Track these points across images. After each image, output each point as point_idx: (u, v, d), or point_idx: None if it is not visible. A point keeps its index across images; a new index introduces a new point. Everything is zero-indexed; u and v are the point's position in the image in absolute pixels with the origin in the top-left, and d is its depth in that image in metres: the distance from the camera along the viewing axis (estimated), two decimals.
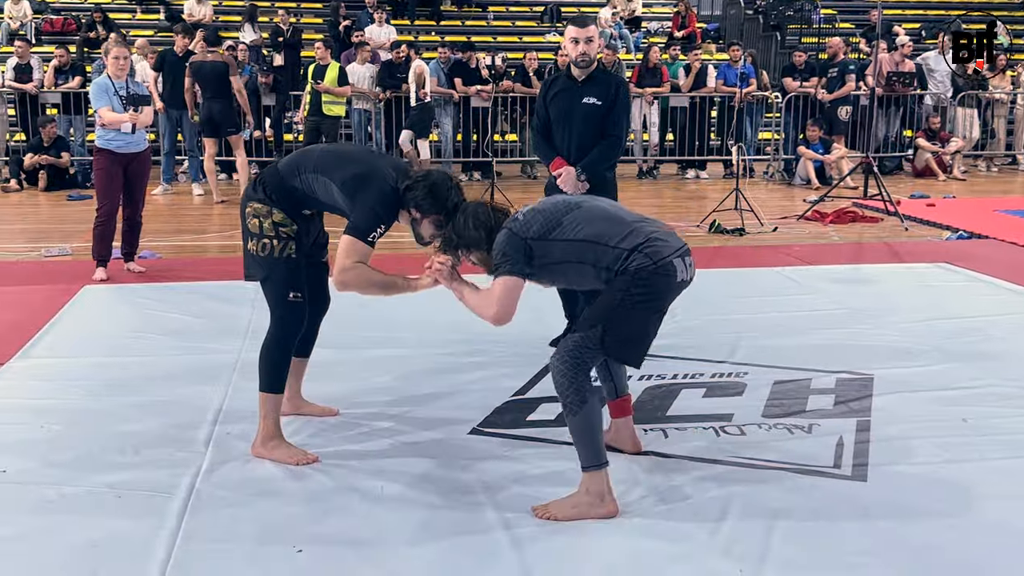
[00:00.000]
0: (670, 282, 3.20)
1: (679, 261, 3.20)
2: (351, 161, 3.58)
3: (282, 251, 3.56)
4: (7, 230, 8.85)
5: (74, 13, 16.54)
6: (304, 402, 4.07)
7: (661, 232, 3.29)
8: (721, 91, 13.10)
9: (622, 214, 3.35)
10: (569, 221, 3.25)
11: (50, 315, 5.54)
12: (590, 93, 4.74)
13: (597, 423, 3.19)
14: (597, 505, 3.17)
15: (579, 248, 3.21)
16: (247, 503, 3.26)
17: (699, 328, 5.42)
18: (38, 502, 3.25)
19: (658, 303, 3.23)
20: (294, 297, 3.59)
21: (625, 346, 3.24)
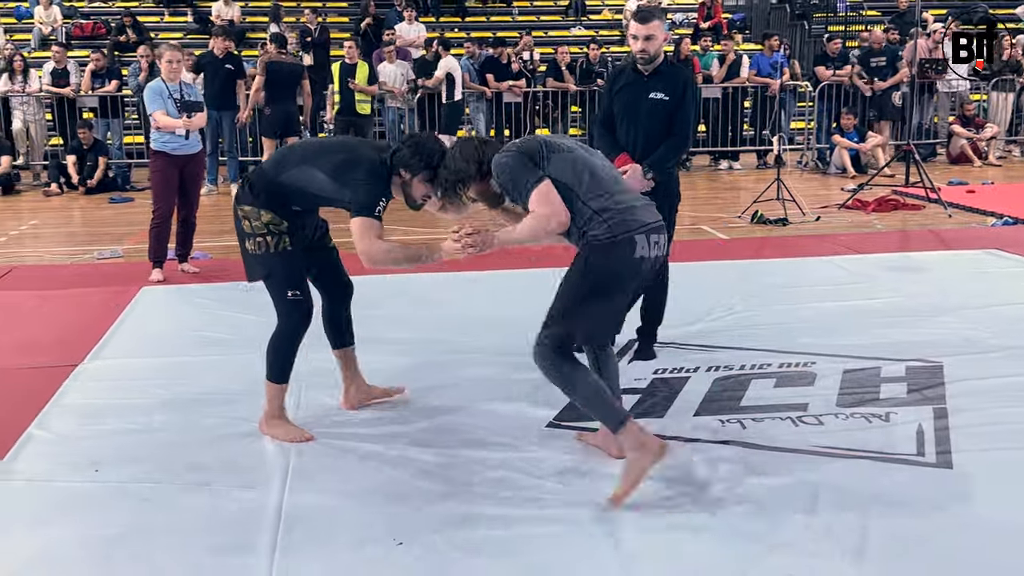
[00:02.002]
0: (628, 256, 3.20)
1: (642, 237, 3.20)
2: (334, 150, 3.74)
3: (277, 245, 3.69)
4: (55, 233, 8.95)
5: (103, 17, 16.65)
6: (368, 388, 4.17)
7: (631, 202, 3.28)
8: (754, 81, 13.07)
9: (603, 174, 3.34)
10: (557, 159, 3.29)
11: (112, 316, 5.61)
12: (657, 88, 4.60)
13: (597, 391, 3.25)
14: (643, 456, 3.18)
15: (559, 188, 3.25)
16: (340, 494, 3.30)
17: (758, 318, 5.44)
18: (134, 501, 3.30)
19: (620, 278, 3.26)
20: (293, 295, 3.71)
21: (591, 325, 3.34)
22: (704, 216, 9.27)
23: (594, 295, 3.24)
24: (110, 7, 17.29)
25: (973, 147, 12.98)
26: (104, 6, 17.39)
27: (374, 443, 3.76)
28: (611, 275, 3.22)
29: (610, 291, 3.26)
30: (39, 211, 10.35)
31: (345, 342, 4.08)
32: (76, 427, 3.96)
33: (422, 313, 5.64)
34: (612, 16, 17.89)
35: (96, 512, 3.23)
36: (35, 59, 13.74)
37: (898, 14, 15.61)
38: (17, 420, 3.98)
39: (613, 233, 3.16)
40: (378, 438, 3.81)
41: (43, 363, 4.77)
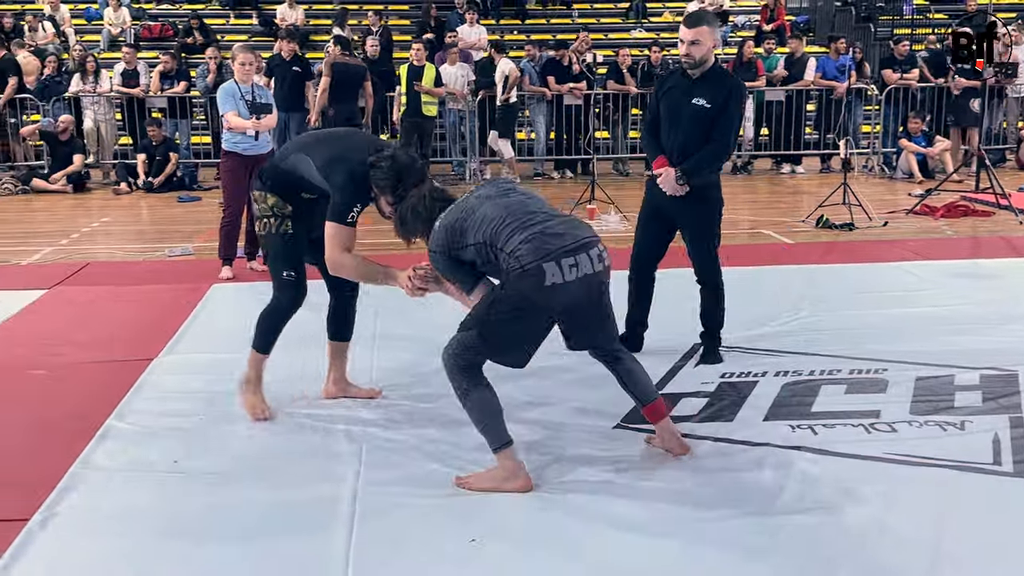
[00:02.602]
0: (537, 285, 3.22)
1: (551, 264, 3.21)
2: (328, 142, 3.94)
3: (278, 228, 3.94)
4: (125, 231, 9.16)
5: (171, 19, 16.98)
6: (349, 384, 4.35)
7: (546, 230, 3.28)
8: (819, 84, 12.92)
9: (517, 214, 3.34)
10: (473, 228, 3.36)
11: (184, 312, 5.72)
12: (700, 94, 4.52)
13: (489, 409, 3.32)
14: (511, 480, 3.32)
15: (480, 251, 3.35)
16: (412, 488, 3.34)
17: (826, 323, 5.39)
18: (211, 492, 3.37)
19: (527, 307, 3.28)
20: (287, 276, 3.96)
21: (497, 349, 3.37)
22: (765, 220, 9.20)
23: (506, 316, 3.30)
24: (177, 9, 17.63)
25: None
26: (171, 8, 17.73)
27: (440, 442, 3.79)
28: (522, 299, 3.28)
29: (521, 315, 3.31)
30: (109, 209, 10.60)
31: (341, 336, 4.29)
32: (153, 420, 4.05)
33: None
34: (673, 18, 17.79)
35: (175, 503, 3.30)
36: (104, 60, 14.06)
37: (966, 16, 15.33)
38: (96, 412, 4.08)
39: (522, 264, 3.23)
40: (442, 437, 3.84)
41: (120, 357, 4.89)
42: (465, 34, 14.34)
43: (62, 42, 15.38)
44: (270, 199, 3.94)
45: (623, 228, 8.82)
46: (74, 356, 4.93)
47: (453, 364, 3.34)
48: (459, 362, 3.33)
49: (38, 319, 5.69)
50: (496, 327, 3.31)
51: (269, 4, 17.47)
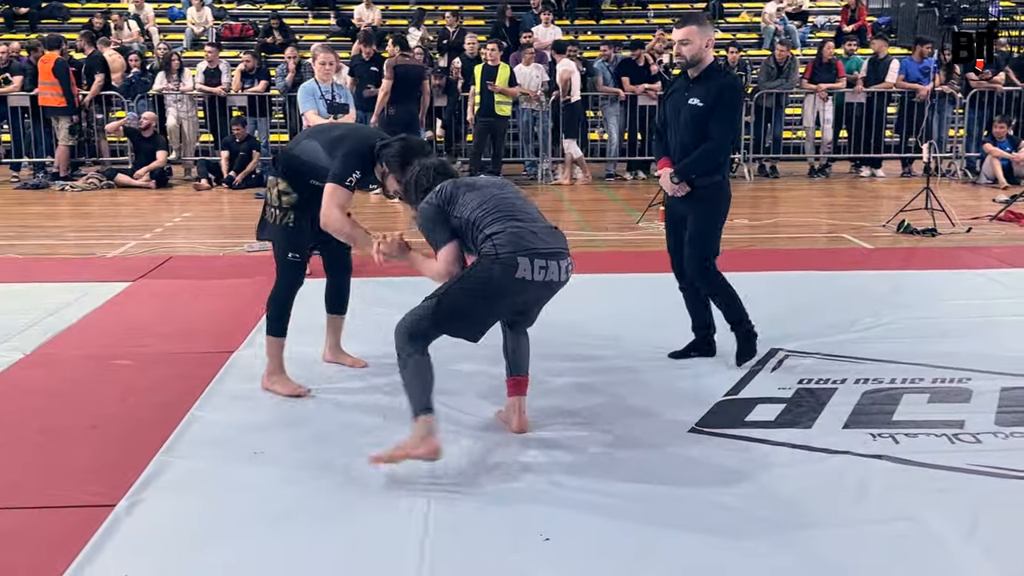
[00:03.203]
0: (507, 274, 3.45)
1: (525, 259, 3.44)
2: (337, 129, 4.26)
3: (282, 219, 4.23)
4: (207, 226, 9.36)
5: (251, 19, 17.31)
6: (341, 352, 4.76)
7: (530, 229, 3.53)
8: (902, 86, 12.65)
9: (507, 206, 3.59)
10: (467, 198, 3.60)
11: (263, 306, 5.80)
12: (695, 94, 4.56)
13: (422, 377, 3.50)
14: (419, 445, 3.45)
15: (463, 226, 3.56)
16: (484, 487, 3.36)
17: (908, 331, 5.27)
18: (290, 485, 3.43)
19: (492, 290, 3.49)
20: (292, 257, 4.26)
21: (452, 321, 3.55)
22: (844, 224, 9.04)
23: (471, 290, 3.51)
24: (257, 9, 17.95)
25: None
26: (252, 8, 18.07)
27: (513, 444, 3.81)
28: (490, 281, 3.47)
29: (484, 296, 3.51)
30: (190, 204, 10.84)
31: (336, 311, 4.71)
32: (234, 412, 4.14)
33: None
34: (751, 19, 17.61)
35: (255, 490, 3.37)
36: (186, 59, 14.37)
37: None
38: (179, 402, 4.19)
39: (498, 251, 3.45)
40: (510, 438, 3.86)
41: (201, 349, 5.01)
42: (540, 34, 14.35)
43: (146, 40, 15.78)
44: (280, 184, 4.22)
45: None
46: (158, 347, 5.05)
47: (404, 331, 3.53)
48: (411, 329, 3.52)
49: (123, 311, 5.84)
50: (459, 296, 3.52)
51: (347, 4, 17.70)
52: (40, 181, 12.17)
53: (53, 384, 4.49)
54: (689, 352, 4.88)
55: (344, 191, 3.99)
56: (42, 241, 8.48)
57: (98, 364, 4.78)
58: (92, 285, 6.36)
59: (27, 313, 5.63)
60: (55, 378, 4.58)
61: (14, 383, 4.53)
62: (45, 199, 11.31)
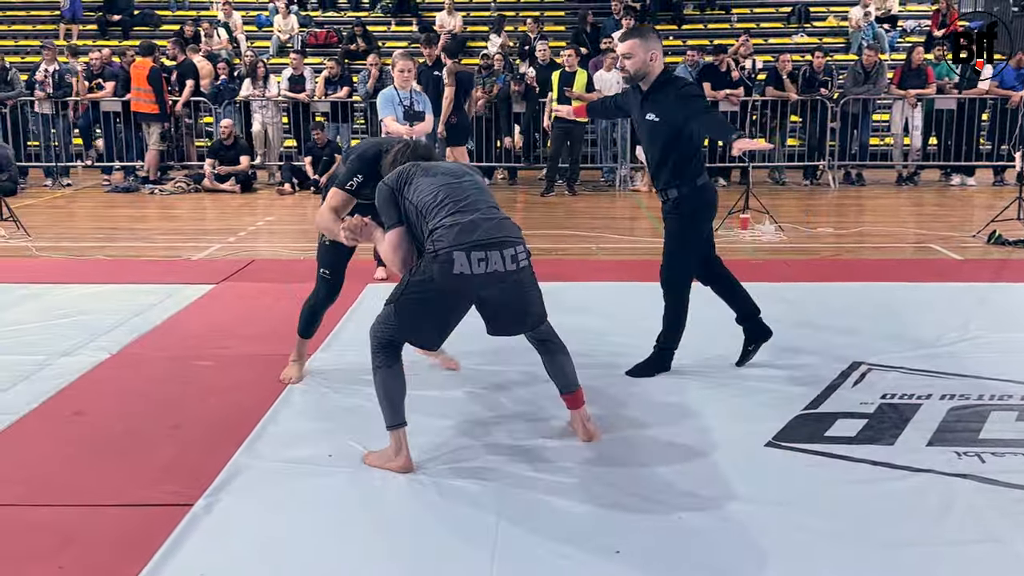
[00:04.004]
0: (445, 272, 3.39)
1: (460, 254, 3.37)
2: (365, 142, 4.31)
3: (321, 237, 4.42)
4: (289, 230, 9.53)
5: (336, 26, 17.59)
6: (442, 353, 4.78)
7: (472, 221, 3.44)
8: (994, 93, 12.26)
9: (457, 196, 3.52)
10: (420, 183, 3.57)
11: (341, 310, 5.87)
12: (650, 109, 4.51)
13: (391, 391, 3.54)
14: (392, 459, 3.55)
15: (410, 211, 3.55)
16: (555, 497, 3.34)
17: (996, 345, 5.10)
18: (363, 489, 3.46)
19: (434, 292, 3.45)
20: (323, 274, 4.51)
21: (408, 330, 3.57)
22: (933, 234, 8.79)
23: (415, 297, 3.50)
24: (342, 16, 18.25)
25: None
26: (336, 15, 18.37)
27: (580, 456, 3.78)
28: (430, 281, 3.44)
29: (428, 300, 3.48)
30: (274, 208, 11.05)
31: None
32: (310, 415, 4.20)
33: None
34: (838, 23, 17.27)
35: (330, 498, 3.40)
36: (273, 65, 14.68)
37: None
38: (259, 404, 4.26)
39: (435, 249, 3.41)
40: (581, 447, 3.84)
41: (281, 352, 5.05)
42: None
43: (234, 48, 16.15)
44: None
45: (778, 239, 8.60)
46: (239, 349, 5.15)
47: (374, 339, 3.58)
48: (380, 337, 3.56)
49: (207, 312, 5.97)
50: (408, 305, 3.52)
51: (429, 11, 17.88)
52: (130, 185, 12.55)
53: (137, 384, 4.61)
54: (748, 349, 4.82)
55: (342, 194, 4.05)
56: (131, 244, 8.72)
57: (181, 365, 4.89)
58: (177, 287, 6.52)
59: (114, 314, 5.80)
60: (140, 378, 4.70)
61: (100, 382, 4.66)
62: (135, 202, 11.65)
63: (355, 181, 4.04)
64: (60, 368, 4.79)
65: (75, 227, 9.89)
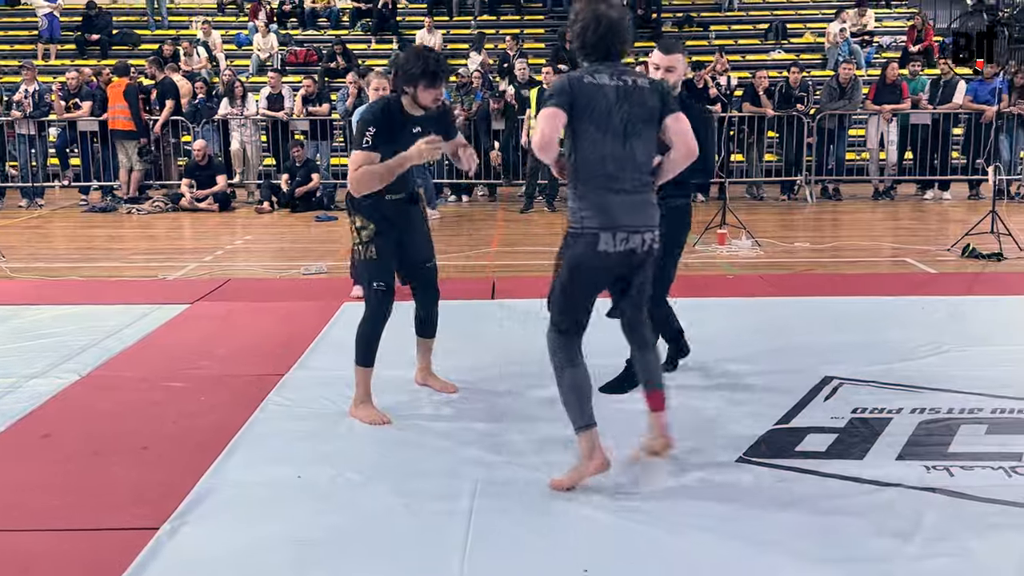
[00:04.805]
0: (589, 247, 3.41)
1: (607, 235, 3.39)
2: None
3: (365, 254, 4.29)
4: (266, 249, 9.51)
5: (315, 45, 17.62)
6: (432, 376, 4.76)
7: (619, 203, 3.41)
8: (968, 107, 12.36)
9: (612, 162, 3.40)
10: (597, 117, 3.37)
11: (317, 329, 5.88)
12: None
13: (573, 394, 3.50)
14: (587, 464, 3.48)
15: (577, 146, 3.41)
16: (527, 515, 3.33)
17: (968, 359, 5.12)
18: (333, 507, 3.45)
19: (579, 266, 3.47)
20: (378, 287, 4.28)
21: (558, 317, 3.55)
22: (908, 248, 8.85)
23: (560, 281, 3.53)
24: (322, 35, 18.28)
25: None
26: (316, 34, 18.40)
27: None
28: (576, 257, 3.46)
29: (572, 279, 3.49)
30: (252, 227, 11.02)
31: (426, 334, 4.71)
32: (281, 433, 4.18)
33: None
34: (815, 39, 17.40)
35: (297, 516, 3.38)
36: (252, 84, 14.67)
37: None
38: (229, 425, 4.24)
39: (581, 226, 3.42)
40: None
41: (254, 372, 5.06)
42: None
43: (214, 66, 16.14)
44: (357, 220, 4.29)
45: (754, 254, 8.64)
46: (211, 369, 5.12)
47: (550, 344, 3.58)
48: (553, 341, 3.56)
49: (181, 333, 5.94)
50: (556, 288, 3.55)
51: (409, 29, 17.93)
52: (108, 204, 12.50)
53: (107, 406, 4.58)
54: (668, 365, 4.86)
55: (362, 153, 4.07)
56: (107, 263, 8.68)
57: (152, 386, 4.86)
58: (152, 307, 6.48)
59: (86, 335, 5.76)
60: (110, 400, 4.67)
61: (69, 405, 4.62)
62: (112, 222, 11.60)
63: (369, 134, 4.07)
64: (30, 390, 4.75)
65: (50, 247, 9.84)
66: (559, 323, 3.57)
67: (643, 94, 3.47)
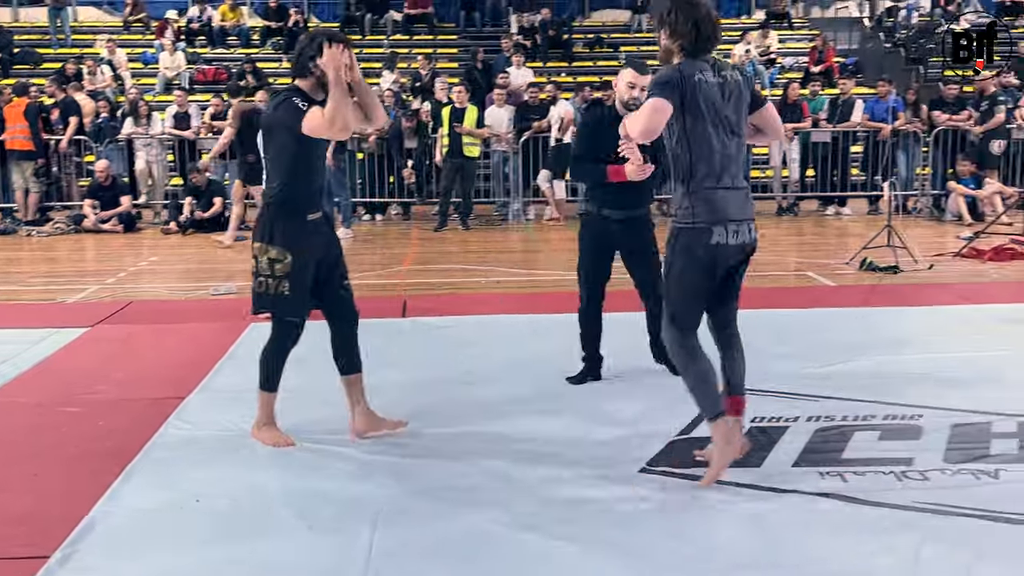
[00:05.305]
0: (699, 240, 3.52)
1: (720, 228, 3.51)
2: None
3: (277, 288, 4.03)
4: (173, 270, 9.33)
5: (225, 63, 17.39)
6: (375, 419, 4.32)
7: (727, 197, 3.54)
8: (866, 126, 12.79)
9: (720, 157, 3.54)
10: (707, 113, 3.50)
11: (223, 351, 5.78)
12: None
13: (705, 383, 3.62)
14: (726, 449, 3.60)
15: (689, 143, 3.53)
16: (427, 535, 3.32)
17: (863, 368, 5.28)
18: (231, 535, 3.39)
19: (691, 261, 3.57)
20: (290, 319, 4.10)
21: (670, 303, 3.66)
22: (809, 262, 9.10)
23: (675, 278, 3.61)
24: (231, 53, 18.04)
25: None
26: (226, 52, 18.16)
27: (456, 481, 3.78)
28: (691, 253, 3.54)
29: (688, 268, 3.58)
30: (158, 248, 10.80)
31: (352, 369, 4.33)
32: (179, 458, 4.09)
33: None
34: (719, 59, 17.79)
35: (195, 542, 3.32)
36: (159, 103, 14.41)
37: (1018, 59, 15.11)
38: (125, 450, 4.13)
39: (693, 221, 3.51)
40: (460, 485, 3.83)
41: (154, 395, 4.95)
42: (513, 76, 14.46)
43: (119, 85, 15.81)
44: (272, 252, 4.02)
45: None
46: (109, 394, 5.00)
47: (670, 338, 3.69)
48: (673, 336, 3.65)
49: (77, 357, 5.78)
50: (673, 286, 3.64)
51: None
52: (7, 227, 12.12)
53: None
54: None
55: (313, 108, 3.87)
56: (3, 287, 8.41)
57: (47, 411, 4.71)
58: (49, 331, 6.30)
59: None
60: (2, 426, 4.52)
61: None
62: (11, 245, 11.25)
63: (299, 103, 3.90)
64: None
65: None
66: (679, 320, 3.66)
67: (740, 88, 3.63)
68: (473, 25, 19.35)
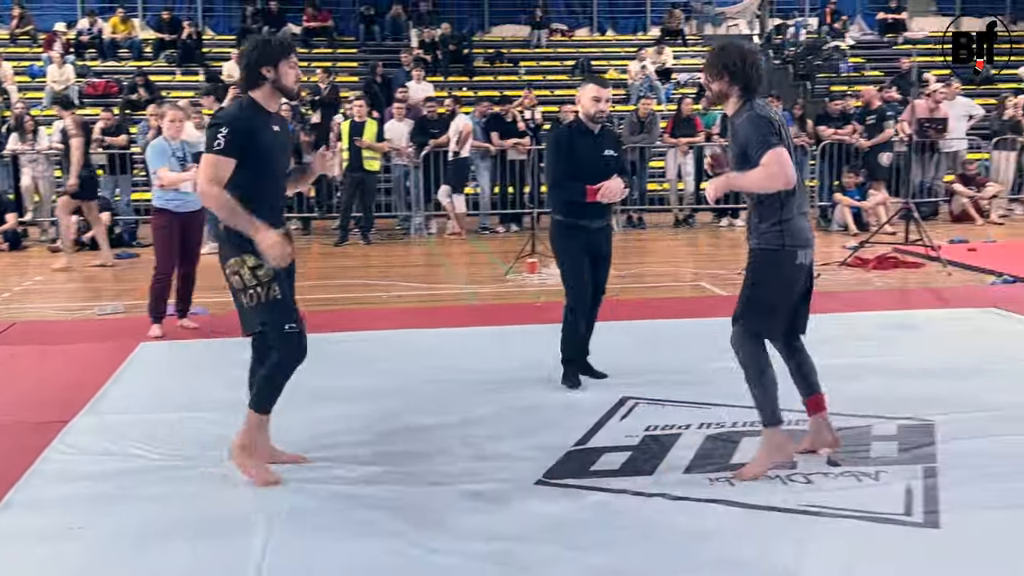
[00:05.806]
0: (789, 261, 3.85)
1: (803, 251, 3.87)
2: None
3: (268, 295, 3.80)
4: (60, 289, 9.03)
5: (116, 76, 16.95)
6: (275, 450, 4.11)
7: (803, 220, 3.90)
8: None
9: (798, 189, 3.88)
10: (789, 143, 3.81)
11: (110, 372, 5.63)
12: (607, 146, 5.29)
13: (772, 391, 3.93)
14: (775, 453, 3.91)
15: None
16: (321, 546, 3.29)
17: None
18: (110, 560, 3.30)
19: (781, 279, 3.88)
20: (290, 329, 3.83)
21: (755, 318, 3.92)
22: (704, 272, 9.31)
23: (765, 296, 3.90)
24: (123, 66, 17.60)
25: (975, 206, 13.00)
26: (117, 65, 17.70)
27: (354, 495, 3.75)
28: (778, 273, 3.87)
29: (774, 285, 3.90)
30: (45, 267, 10.43)
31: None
32: (59, 484, 3.96)
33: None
34: (618, 75, 18.10)
35: (74, 572, 3.22)
36: (47, 117, 13.95)
37: (900, 75, 15.77)
38: (4, 477, 3.97)
39: (783, 243, 3.83)
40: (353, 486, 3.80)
41: (36, 419, 4.79)
42: (413, 90, 14.44)
43: (4, 99, 15.26)
44: (249, 261, 3.78)
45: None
46: None
47: (741, 345, 3.95)
48: (745, 343, 3.92)
49: None
50: (756, 298, 3.94)
51: (216, 61, 17.52)
52: None
53: None
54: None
55: (215, 158, 3.68)
56: None
57: None
58: None
59: None
60: None
61: None
62: None
63: (221, 136, 3.66)
64: None
65: None
66: (764, 332, 3.96)
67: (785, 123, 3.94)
68: (373, 39, 19.27)
